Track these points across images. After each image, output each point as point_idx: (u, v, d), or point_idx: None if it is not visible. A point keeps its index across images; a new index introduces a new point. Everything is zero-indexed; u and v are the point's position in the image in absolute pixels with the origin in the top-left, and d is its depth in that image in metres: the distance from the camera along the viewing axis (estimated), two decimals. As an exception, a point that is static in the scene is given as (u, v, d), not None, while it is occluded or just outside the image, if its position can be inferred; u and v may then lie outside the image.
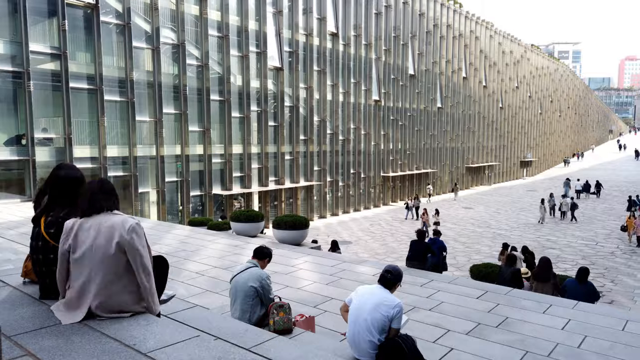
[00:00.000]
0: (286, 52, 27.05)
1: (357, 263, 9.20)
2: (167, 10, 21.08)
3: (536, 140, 63.62)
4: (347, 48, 31.30)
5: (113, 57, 19.57)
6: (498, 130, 52.91)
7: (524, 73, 58.11)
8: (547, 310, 6.37)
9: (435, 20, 40.59)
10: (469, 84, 46.42)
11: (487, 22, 49.00)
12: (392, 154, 36.49)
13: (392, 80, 35.81)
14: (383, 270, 4.24)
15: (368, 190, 34.55)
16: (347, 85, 31.59)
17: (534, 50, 62.61)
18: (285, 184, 27.41)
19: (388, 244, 22.08)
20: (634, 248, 20.72)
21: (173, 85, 21.59)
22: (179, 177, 22.05)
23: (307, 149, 28.90)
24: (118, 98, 19.50)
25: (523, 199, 38.20)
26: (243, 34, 24.35)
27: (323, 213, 30.28)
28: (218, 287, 7.14)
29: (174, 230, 12.16)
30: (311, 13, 28.30)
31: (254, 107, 25.32)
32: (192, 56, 22.28)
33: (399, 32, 36.24)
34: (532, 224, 26.82)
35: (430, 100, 40.56)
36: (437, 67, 41.22)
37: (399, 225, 27.23)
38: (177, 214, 22.18)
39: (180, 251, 9.45)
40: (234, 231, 12.09)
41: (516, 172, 58.08)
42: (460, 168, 46.15)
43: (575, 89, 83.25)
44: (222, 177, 24.08)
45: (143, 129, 20.68)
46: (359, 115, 32.85)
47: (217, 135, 23.78)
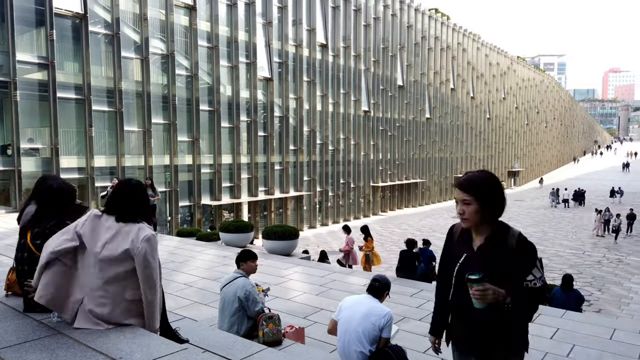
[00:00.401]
0: (276, 63, 27.16)
1: (346, 273, 9.18)
2: (156, 20, 21.08)
3: (523, 150, 64.41)
4: (336, 59, 31.53)
5: (101, 67, 19.48)
6: (486, 141, 53.49)
7: (510, 84, 58.98)
8: (536, 320, 6.40)
9: (423, 32, 41.12)
10: (457, 95, 46.97)
11: (474, 35, 49.77)
12: (381, 164, 36.65)
13: (381, 91, 36.10)
14: (371, 279, 4.24)
15: (358, 200, 34.60)
16: (337, 95, 31.77)
17: (520, 62, 63.65)
18: (275, 194, 27.35)
19: (379, 253, 22.04)
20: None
21: (162, 95, 21.51)
22: (167, 188, 21.89)
23: (296, 159, 28.91)
24: (106, 108, 19.37)
25: (511, 209, 38.54)
26: (233, 44, 24.42)
27: (313, 223, 30.22)
28: (207, 299, 7.06)
29: (163, 241, 12.04)
30: (301, 24, 28.51)
31: (243, 117, 25.32)
32: (182, 66, 22.27)
33: (388, 43, 36.62)
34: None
35: (418, 110, 40.93)
36: (426, 78, 41.67)
37: (389, 235, 27.26)
38: (165, 225, 21.97)
39: (169, 262, 9.35)
40: (223, 242, 12.00)
41: (505, 182, 58.61)
42: (449, 178, 46.48)
43: (560, 100, 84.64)
44: (212, 187, 23.95)
45: (131, 139, 20.54)
46: (349, 125, 33.00)
47: (207, 146, 23.70)
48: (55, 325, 2.90)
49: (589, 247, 23.35)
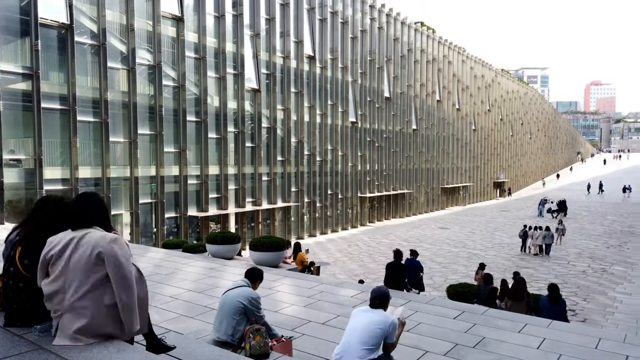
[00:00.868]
0: (263, 74, 27.25)
1: (335, 285, 9.14)
2: (143, 31, 21.04)
3: (508, 161, 65.25)
4: (324, 71, 31.75)
5: (87, 77, 19.32)
6: (472, 152, 54.08)
7: (495, 96, 59.91)
8: (523, 330, 6.43)
9: (410, 45, 41.67)
10: (443, 107, 47.53)
11: (459, 47, 50.57)
12: (369, 174, 36.80)
13: (369, 102, 36.39)
14: (370, 297, 4.36)
15: (345, 211, 34.62)
16: (324, 107, 31.92)
17: (504, 75, 64.77)
18: (263, 205, 27.24)
19: (366, 264, 22.05)
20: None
21: (149, 105, 21.39)
22: (153, 199, 21.66)
23: (284, 170, 28.89)
24: (91, 119, 19.18)
25: (497, 219, 38.89)
26: (220, 55, 24.45)
27: (301, 234, 30.12)
28: (193, 312, 6.97)
29: (148, 253, 11.88)
30: (288, 36, 28.69)
31: (231, 128, 25.27)
32: (169, 77, 22.21)
33: (375, 55, 37.01)
34: (506, 244, 27.25)
35: (405, 122, 41.29)
36: (412, 90, 42.13)
37: (377, 245, 27.27)
38: (151, 236, 21.70)
39: (154, 275, 9.22)
40: (210, 253, 11.89)
41: (490, 193, 59.25)
42: (435, 189, 46.81)
43: (544, 112, 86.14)
44: (198, 198, 23.77)
45: (117, 150, 20.34)
46: (336, 136, 33.13)
47: (193, 156, 23.57)
48: (37, 340, 2.83)
49: (573, 257, 23.62)
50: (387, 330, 4.10)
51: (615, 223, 34.93)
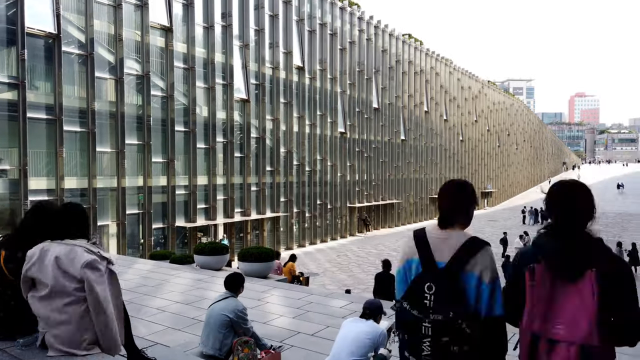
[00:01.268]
0: (253, 84, 27.29)
1: (324, 295, 9.09)
2: (131, 41, 20.98)
3: (495, 171, 65.94)
4: (313, 81, 31.91)
5: (74, 87, 19.17)
6: (459, 162, 54.57)
7: (482, 108, 60.68)
8: (512, 339, 6.45)
9: (398, 56, 42.13)
10: (431, 118, 47.99)
11: (447, 59, 51.25)
12: (358, 184, 36.88)
13: (357, 113, 36.60)
14: (363, 307, 4.41)
15: (334, 221, 34.59)
16: (314, 117, 32.03)
17: (491, 87, 65.72)
18: (252, 216, 27.10)
19: (355, 275, 22.00)
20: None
21: (137, 115, 21.26)
22: (140, 209, 21.43)
23: (273, 180, 28.83)
24: (78, 128, 18.99)
25: (484, 229, 39.13)
26: (209, 66, 24.45)
27: (290, 244, 29.99)
28: (180, 324, 6.87)
29: (135, 264, 11.72)
30: (277, 47, 28.83)
31: (219, 138, 25.20)
32: (157, 87, 22.12)
33: (363, 67, 37.33)
34: (494, 254, 27.42)
35: (394, 132, 41.58)
36: (400, 101, 42.51)
37: (366, 255, 27.25)
38: (138, 248, 21.43)
39: (141, 286, 9.09)
40: (198, 264, 11.77)
41: (478, 203, 59.65)
42: (424, 199, 47.06)
43: (530, 123, 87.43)
44: (186, 208, 23.58)
45: (104, 160, 20.13)
46: (325, 146, 33.21)
47: (182, 166, 23.42)
48: (19, 354, 2.76)
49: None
50: (376, 340, 4.08)
51: (602, 233, 35.31)
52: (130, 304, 5.88)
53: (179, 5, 23.03)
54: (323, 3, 32.88)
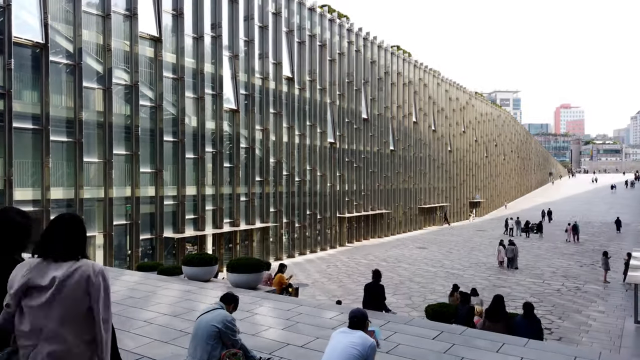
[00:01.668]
0: (242, 95, 27.31)
1: (314, 306, 9.05)
2: (120, 51, 20.92)
3: (483, 182, 66.49)
4: (302, 92, 32.04)
5: (61, 96, 19.02)
6: (448, 172, 54.96)
7: (469, 118, 61.34)
8: (500, 349, 6.46)
9: (386, 68, 42.53)
10: (419, 128, 48.37)
11: (434, 71, 51.85)
12: (347, 195, 36.92)
13: (347, 123, 36.77)
14: (349, 316, 4.39)
15: (324, 231, 34.53)
16: (303, 127, 32.10)
17: (478, 98, 66.53)
18: (241, 226, 26.94)
19: (345, 285, 21.93)
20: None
21: (125, 125, 21.13)
22: (128, 220, 21.21)
23: (263, 190, 28.75)
24: (65, 138, 18.81)
25: (473, 239, 39.36)
26: (199, 76, 24.45)
27: (279, 255, 29.84)
28: (168, 336, 6.78)
29: (122, 276, 11.56)
30: (267, 58, 28.95)
31: (208, 148, 25.11)
32: (146, 97, 22.04)
33: (352, 78, 37.60)
34: (483, 263, 27.55)
35: (383, 143, 41.81)
36: (389, 112, 42.82)
37: (355, 266, 27.20)
38: (125, 259, 21.16)
39: (128, 299, 8.96)
40: (186, 276, 11.64)
41: (466, 213, 60.07)
42: (413, 209, 47.23)
43: (517, 134, 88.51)
44: (174, 219, 23.38)
45: (91, 170, 19.93)
46: (315, 157, 33.27)
47: (170, 177, 23.27)
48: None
49: (548, 275, 24.01)
50: (365, 352, 4.06)
51: (588, 242, 35.79)
52: (116, 316, 5.81)
53: (168, 16, 23.06)
54: (312, 15, 33.16)
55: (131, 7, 21.17)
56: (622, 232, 40.22)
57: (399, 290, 20.69)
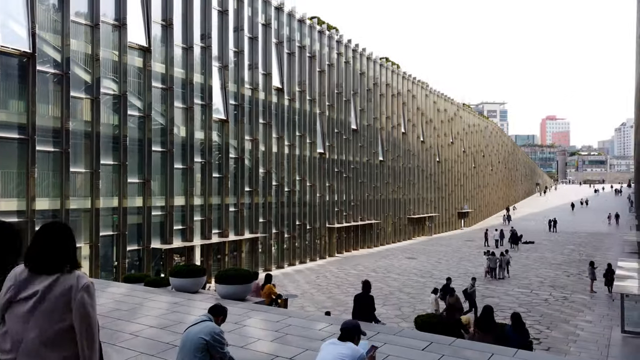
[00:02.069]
0: (232, 105, 27.31)
1: (303, 318, 8.98)
2: (109, 61, 20.82)
3: (471, 192, 67.01)
4: (292, 102, 32.13)
5: (48, 106, 18.81)
6: (436, 183, 55.31)
7: (457, 129, 61.97)
8: (489, 359, 6.46)
9: (375, 79, 42.90)
10: (408, 139, 48.72)
11: (423, 82, 52.41)
12: (337, 205, 36.92)
13: (336, 134, 36.91)
14: (341, 327, 4.35)
15: (314, 242, 34.43)
16: (293, 138, 32.14)
17: (466, 109, 67.32)
18: (230, 237, 26.76)
19: (335, 296, 21.83)
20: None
21: (113, 135, 20.95)
22: (115, 231, 20.94)
23: (252, 200, 28.63)
24: (51, 148, 18.58)
25: (462, 249, 39.54)
26: (188, 86, 24.41)
27: (268, 266, 29.64)
28: (155, 349, 6.67)
29: (109, 288, 11.38)
30: (257, 68, 29.02)
31: (197, 158, 25.00)
32: (134, 107, 21.92)
33: (342, 89, 37.84)
34: (472, 273, 27.64)
35: (372, 153, 42.00)
36: (378, 123, 43.10)
37: (345, 276, 27.11)
38: (111, 270, 20.85)
39: (114, 311, 8.81)
40: (174, 287, 11.51)
41: (455, 223, 60.39)
42: (402, 219, 47.36)
43: (504, 145, 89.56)
44: (162, 230, 23.14)
45: (77, 181, 19.69)
46: (304, 167, 33.27)
47: (158, 187, 23.07)
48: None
49: (536, 286, 24.17)
50: None
51: (574, 252, 36.16)
52: (102, 329, 5.72)
53: (158, 27, 23.06)
54: (302, 26, 33.40)
55: (120, 17, 21.14)
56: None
57: (388, 300, 20.64)
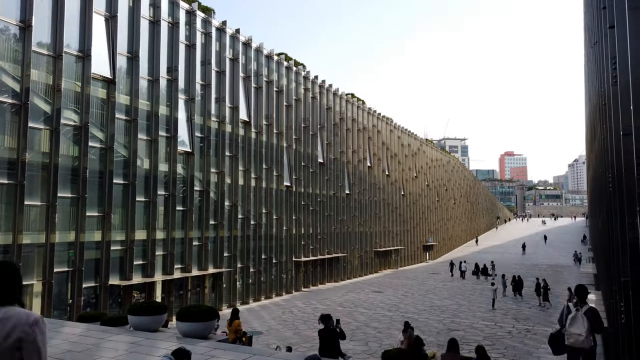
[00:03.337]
0: (197, 137, 27.10)
1: (268, 355, 8.72)
2: (71, 92, 20.41)
3: (436, 225, 68.18)
4: (259, 136, 32.22)
5: (4, 137, 18.11)
6: (402, 216, 56.05)
7: (421, 164, 63.55)
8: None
9: (342, 114, 43.78)
10: (374, 173, 49.50)
11: (387, 118, 53.85)
12: (303, 238, 36.68)
13: (303, 167, 37.10)
14: None
15: (280, 276, 33.87)
16: (259, 170, 32.05)
17: (429, 144, 69.35)
18: (193, 272, 25.98)
19: (301, 332, 21.36)
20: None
21: (72, 167, 20.30)
22: (70, 267, 19.96)
23: (217, 234, 28.07)
24: (5, 180, 17.78)
25: (428, 282, 39.81)
26: (153, 118, 24.12)
27: (233, 302, 28.83)
28: (109, 393, 6.28)
29: (62, 328, 10.74)
30: (224, 102, 29.09)
31: (161, 191, 24.46)
32: (96, 138, 21.41)
33: (309, 123, 38.34)
34: (437, 307, 27.77)
35: (339, 186, 42.32)
36: (345, 156, 43.70)
37: (312, 311, 26.66)
38: (65, 309, 19.73)
39: (67, 353, 8.29)
40: (132, 326, 10.97)
41: (420, 256, 61.00)
42: (369, 252, 47.45)
43: (465, 180, 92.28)
44: (122, 265, 22.25)
45: (32, 214, 18.81)
46: (271, 200, 33.09)
47: (119, 220, 22.32)
48: None
49: (500, 317, 24.48)
50: None
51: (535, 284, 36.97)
52: (52, 373, 5.30)
53: (123, 58, 22.89)
54: (270, 62, 33.96)
55: (85, 49, 20.91)
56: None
57: (355, 336, 20.37)
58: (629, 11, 5.91)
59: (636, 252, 6.40)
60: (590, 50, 20.87)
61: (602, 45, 11.84)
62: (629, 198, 6.87)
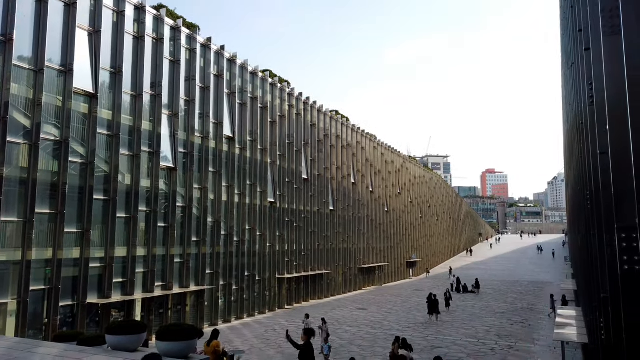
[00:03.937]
0: (181, 153, 26.89)
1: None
2: (52, 106, 20.13)
3: (419, 242, 68.46)
4: (243, 151, 32.13)
5: (-19, 150, 17.72)
6: (385, 232, 56.16)
7: (404, 181, 64.04)
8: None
9: (326, 130, 44.02)
10: (358, 189, 49.66)
11: (371, 135, 54.32)
12: (287, 255, 36.41)
13: (287, 183, 37.03)
14: None
15: (263, 294, 33.45)
16: (243, 186, 31.87)
17: (412, 162, 70.04)
18: (174, 289, 25.49)
19: (284, 350, 21.05)
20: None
21: (51, 182, 19.90)
22: (47, 285, 19.41)
23: (199, 250, 27.68)
24: (-19, 195, 17.31)
25: (411, 299, 39.75)
26: (135, 133, 23.90)
27: (214, 320, 28.32)
28: (84, 417, 6.06)
29: (38, 348, 10.37)
30: (207, 117, 29.00)
31: (142, 207, 24.10)
32: (77, 153, 21.07)
33: (293, 139, 38.43)
34: (421, 323, 27.70)
35: (323, 203, 42.30)
36: (329, 173, 43.80)
37: (295, 329, 26.31)
38: (41, 329, 19.11)
39: (40, 374, 7.99)
40: (110, 346, 10.66)
41: (404, 272, 61.02)
42: (353, 269, 47.29)
43: (448, 196, 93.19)
44: (100, 283, 21.72)
45: (7, 230, 18.32)
46: (254, 216, 32.85)
47: (98, 237, 21.87)
48: None
49: (482, 334, 24.52)
50: None
51: (517, 301, 37.29)
52: (24, 396, 5.08)
53: (106, 73, 22.74)
54: (254, 78, 34.09)
55: (67, 63, 20.71)
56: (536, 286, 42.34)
57: (339, 354, 20.15)
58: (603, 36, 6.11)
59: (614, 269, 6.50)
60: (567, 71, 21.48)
61: (578, 67, 12.20)
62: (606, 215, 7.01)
